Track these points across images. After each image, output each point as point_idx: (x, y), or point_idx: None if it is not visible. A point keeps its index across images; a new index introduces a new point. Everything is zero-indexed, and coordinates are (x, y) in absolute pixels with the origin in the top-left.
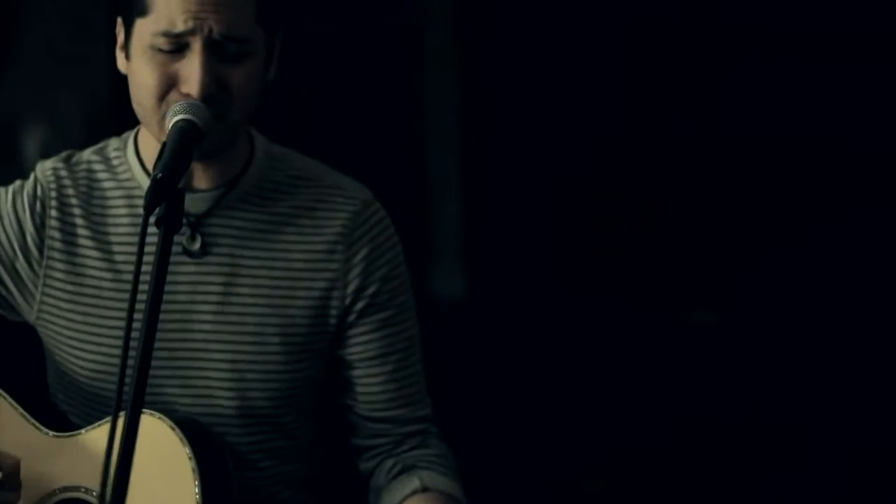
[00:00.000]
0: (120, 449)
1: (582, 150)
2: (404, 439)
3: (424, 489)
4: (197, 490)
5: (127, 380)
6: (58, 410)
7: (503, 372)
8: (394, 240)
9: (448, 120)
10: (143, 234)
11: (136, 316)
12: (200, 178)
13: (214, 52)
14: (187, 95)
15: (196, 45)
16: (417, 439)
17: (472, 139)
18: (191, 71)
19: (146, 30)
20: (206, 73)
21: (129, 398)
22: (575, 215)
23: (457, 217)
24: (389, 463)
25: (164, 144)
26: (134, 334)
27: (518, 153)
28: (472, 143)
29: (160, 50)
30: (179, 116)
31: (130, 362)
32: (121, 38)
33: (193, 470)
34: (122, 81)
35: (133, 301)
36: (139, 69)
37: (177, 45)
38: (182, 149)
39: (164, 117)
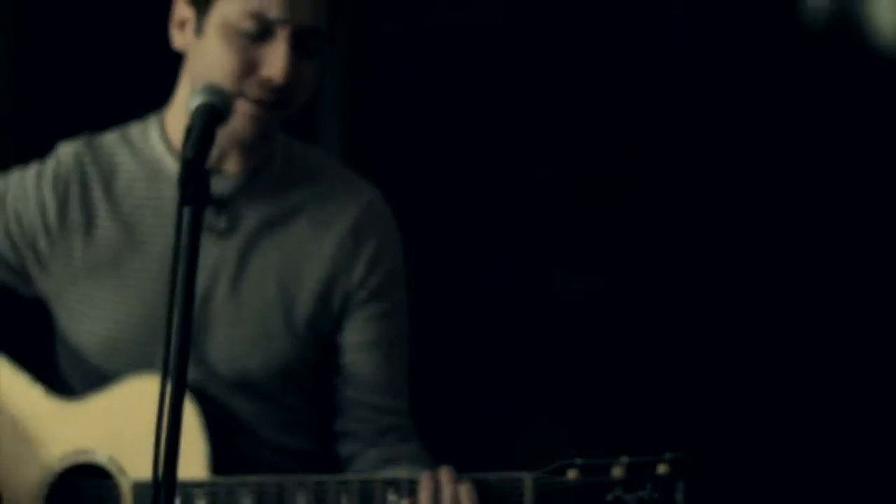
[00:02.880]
0: (168, 418)
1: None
2: (387, 430)
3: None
4: (205, 446)
5: (153, 348)
6: (64, 380)
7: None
8: (397, 236)
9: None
10: (180, 213)
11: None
12: (232, 162)
13: (296, 43)
14: (268, 80)
15: (283, 32)
16: (400, 433)
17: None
18: (275, 57)
19: (232, 10)
20: (292, 61)
21: (169, 368)
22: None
23: None
24: (374, 452)
25: (188, 128)
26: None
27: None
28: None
29: (244, 32)
30: (201, 100)
31: (132, 338)
32: (182, 13)
33: (202, 427)
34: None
35: (173, 277)
36: (214, 48)
37: (263, 30)
38: (207, 131)
39: (234, 98)
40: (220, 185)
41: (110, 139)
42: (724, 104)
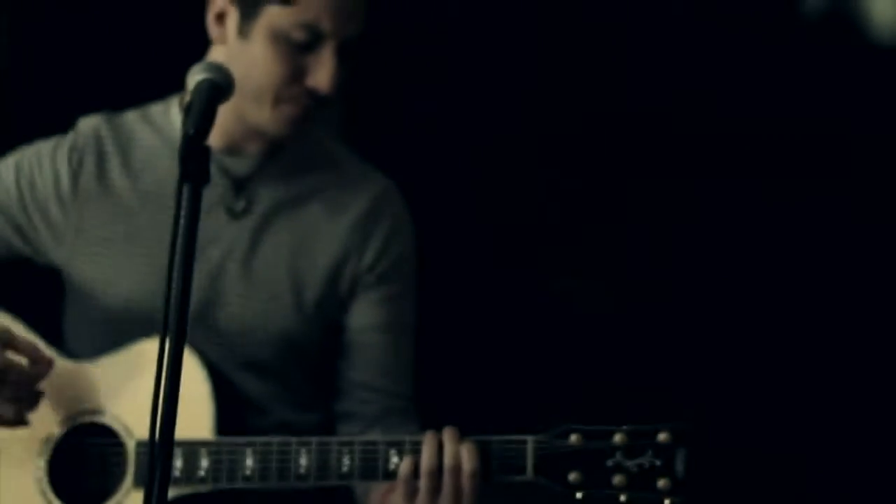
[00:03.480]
0: (166, 378)
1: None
2: (390, 413)
3: None
4: (212, 410)
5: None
6: (75, 344)
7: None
8: (409, 224)
9: None
10: (181, 187)
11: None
12: (251, 141)
13: (341, 53)
14: (313, 90)
15: (332, 43)
16: (402, 417)
17: None
18: (323, 68)
19: (283, 18)
20: (338, 72)
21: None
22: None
23: None
24: (373, 434)
25: (188, 103)
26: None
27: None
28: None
29: (293, 41)
30: (202, 76)
31: (146, 306)
32: (221, 5)
33: (210, 392)
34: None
35: (172, 254)
36: (262, 53)
37: (312, 40)
38: (208, 107)
39: (276, 102)
40: (240, 166)
41: (130, 117)
42: (728, 102)
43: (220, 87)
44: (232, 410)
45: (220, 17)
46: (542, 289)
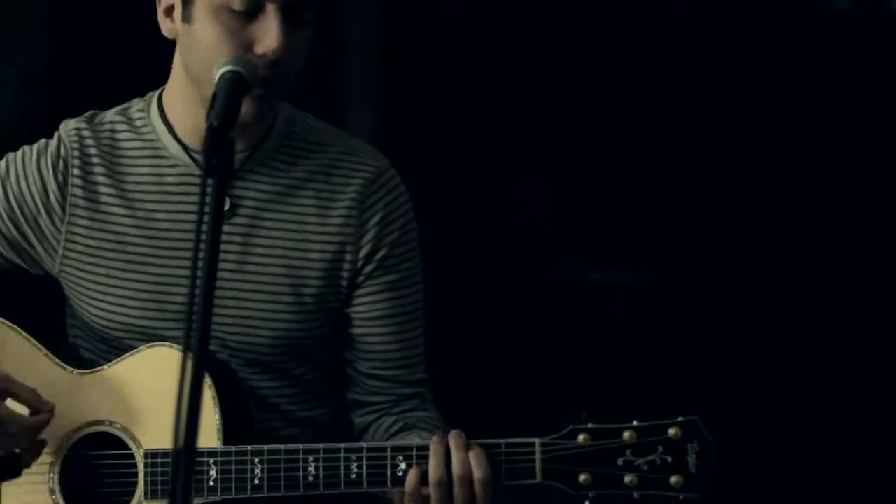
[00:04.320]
0: (189, 391)
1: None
2: (402, 400)
3: None
4: (217, 416)
5: (161, 324)
6: (78, 353)
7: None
8: (406, 207)
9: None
10: (204, 184)
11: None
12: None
13: (286, 15)
14: (262, 57)
15: (273, 6)
16: (415, 402)
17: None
18: (268, 32)
19: None
20: (285, 34)
21: (187, 342)
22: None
23: None
24: (389, 420)
25: (213, 95)
26: (171, 280)
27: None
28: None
29: (233, 11)
30: (227, 68)
31: (141, 316)
32: (167, 1)
33: (214, 398)
34: (57, 54)
35: (196, 251)
36: (206, 31)
37: (252, 6)
38: (233, 99)
39: None
40: None
41: (112, 117)
42: (751, 91)
43: (243, 77)
44: (239, 414)
45: (169, 11)
46: (549, 285)
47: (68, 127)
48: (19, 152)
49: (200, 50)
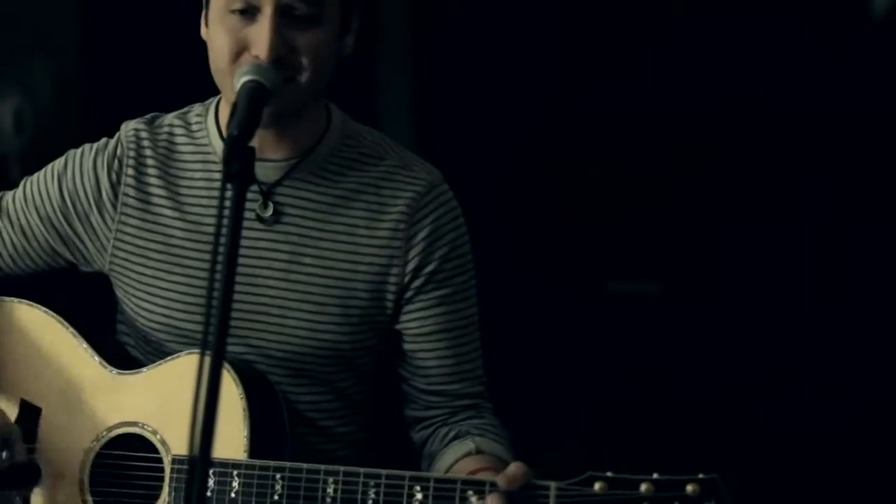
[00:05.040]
0: (206, 396)
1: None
2: (458, 411)
3: (478, 452)
4: (246, 429)
5: (198, 329)
6: (125, 351)
7: None
8: (458, 221)
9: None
10: (224, 190)
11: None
12: (274, 147)
13: (285, 16)
14: (256, 58)
15: (267, 8)
16: (472, 411)
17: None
18: (260, 33)
19: None
20: (275, 35)
21: (212, 347)
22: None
23: None
24: (444, 430)
25: (233, 105)
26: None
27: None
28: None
29: (233, 13)
30: (246, 77)
31: (186, 318)
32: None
33: (244, 409)
34: (92, 50)
35: (215, 255)
36: (215, 34)
37: (249, 8)
38: (252, 108)
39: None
40: (265, 172)
41: (171, 120)
42: (784, 99)
43: (264, 87)
44: (272, 428)
45: (206, 17)
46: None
47: (128, 127)
48: (80, 149)
49: (214, 53)
